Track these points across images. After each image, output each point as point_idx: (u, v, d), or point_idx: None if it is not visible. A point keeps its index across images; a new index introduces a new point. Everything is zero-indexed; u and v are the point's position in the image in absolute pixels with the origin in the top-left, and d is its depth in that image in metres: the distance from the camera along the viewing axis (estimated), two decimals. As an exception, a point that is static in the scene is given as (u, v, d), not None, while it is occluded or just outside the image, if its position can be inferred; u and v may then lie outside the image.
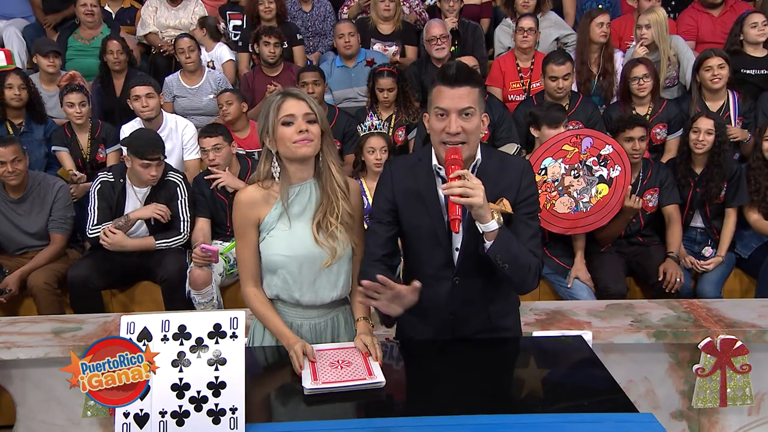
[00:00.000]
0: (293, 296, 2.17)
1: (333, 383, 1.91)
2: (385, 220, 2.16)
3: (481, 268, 2.09)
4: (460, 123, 2.00)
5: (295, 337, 2.08)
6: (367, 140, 3.96)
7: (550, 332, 2.76)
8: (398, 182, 2.16)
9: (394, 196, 2.15)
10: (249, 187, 2.18)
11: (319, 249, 2.13)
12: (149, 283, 3.93)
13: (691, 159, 3.93)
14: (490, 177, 2.07)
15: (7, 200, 3.96)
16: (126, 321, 1.74)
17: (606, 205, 3.69)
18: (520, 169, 2.14)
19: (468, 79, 2.01)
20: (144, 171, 3.75)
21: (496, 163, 2.13)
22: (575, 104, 4.36)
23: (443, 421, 1.79)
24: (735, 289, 3.97)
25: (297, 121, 2.06)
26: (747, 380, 2.83)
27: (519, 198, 2.10)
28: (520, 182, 2.11)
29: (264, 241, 2.15)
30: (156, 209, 3.79)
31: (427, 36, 4.86)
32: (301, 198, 2.14)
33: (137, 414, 1.71)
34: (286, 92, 2.11)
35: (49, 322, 3.06)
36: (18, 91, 4.49)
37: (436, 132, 2.05)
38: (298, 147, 2.06)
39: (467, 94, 2.01)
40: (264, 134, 2.12)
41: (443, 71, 2.03)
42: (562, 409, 1.85)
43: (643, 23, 4.68)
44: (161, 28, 5.58)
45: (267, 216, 2.14)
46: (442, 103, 2.01)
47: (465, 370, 2.07)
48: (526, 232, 2.09)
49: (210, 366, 1.74)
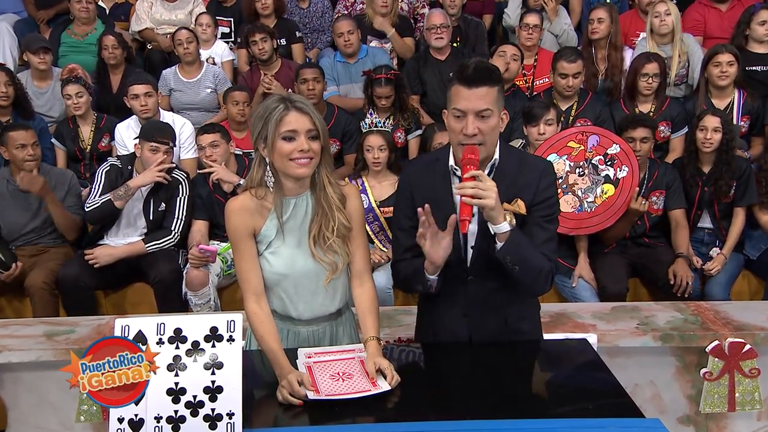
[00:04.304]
0: (290, 313, 2.13)
1: (336, 395, 1.87)
2: (407, 226, 2.17)
3: (496, 269, 2.07)
4: (477, 124, 2.00)
5: (290, 367, 1.95)
6: (366, 138, 3.95)
7: (555, 335, 2.73)
8: (416, 181, 2.17)
9: (412, 197, 2.16)
10: (240, 197, 2.08)
11: (317, 265, 2.07)
12: (143, 285, 3.88)
13: (699, 158, 3.88)
14: (508, 177, 2.08)
15: (15, 189, 3.95)
16: (120, 324, 1.71)
17: (611, 206, 3.65)
18: (540, 170, 2.13)
19: (486, 79, 2.00)
20: (152, 156, 3.72)
21: (514, 162, 2.13)
22: (584, 102, 4.31)
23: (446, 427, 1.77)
24: (743, 291, 3.93)
25: (299, 139, 1.94)
26: (756, 384, 2.81)
27: (536, 199, 2.09)
28: (539, 183, 2.10)
29: (261, 257, 2.08)
30: (156, 174, 3.73)
31: (427, 24, 4.83)
32: (297, 212, 2.06)
33: (132, 419, 1.68)
34: (290, 103, 1.97)
35: (41, 325, 3.03)
36: (4, 89, 4.44)
37: (454, 133, 2.04)
38: (296, 167, 1.96)
39: (485, 94, 1.99)
40: (259, 140, 2.00)
41: (461, 71, 2.02)
42: (566, 413, 1.83)
43: (662, 10, 4.61)
44: (156, 24, 5.54)
45: (263, 228, 2.05)
46: (460, 104, 2.01)
47: (467, 374, 2.06)
48: (540, 235, 2.09)
49: (206, 370, 1.70)
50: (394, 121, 4.45)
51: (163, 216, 3.87)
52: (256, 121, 2.01)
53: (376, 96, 4.43)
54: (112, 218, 3.81)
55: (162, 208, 3.86)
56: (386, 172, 3.97)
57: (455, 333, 2.21)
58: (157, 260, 3.76)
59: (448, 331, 2.22)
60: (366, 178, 3.99)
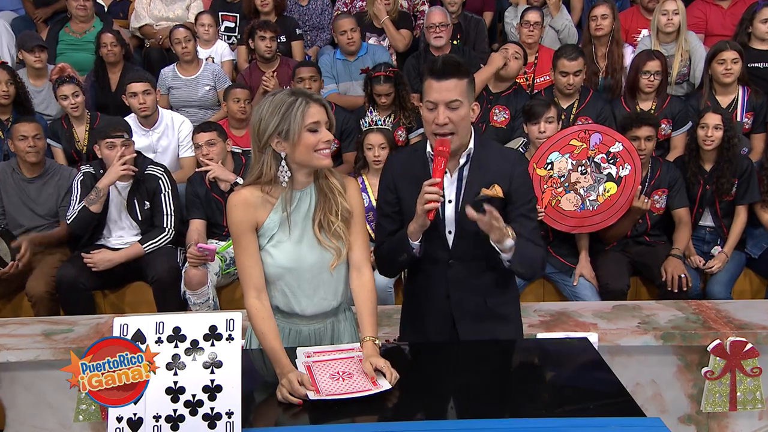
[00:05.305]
0: (293, 309, 2.13)
1: (337, 395, 1.86)
2: (389, 212, 2.31)
3: (475, 251, 2.23)
4: (448, 114, 2.12)
5: (291, 366, 1.95)
6: (366, 137, 3.94)
7: (555, 334, 2.73)
8: (397, 170, 2.31)
9: (394, 184, 2.30)
10: (243, 190, 2.07)
11: (323, 253, 2.07)
12: (142, 284, 3.86)
13: (700, 156, 3.86)
14: (483, 165, 2.22)
15: (20, 179, 4.00)
16: (119, 323, 1.70)
17: (613, 204, 3.63)
18: (513, 158, 2.29)
19: (455, 72, 2.12)
20: (110, 153, 3.68)
21: (489, 152, 2.26)
22: (585, 100, 4.29)
23: (446, 426, 1.77)
24: (745, 290, 3.92)
25: (322, 130, 2.01)
26: (758, 384, 2.80)
27: (513, 186, 2.22)
28: (512, 170, 2.23)
29: (264, 251, 2.07)
30: (120, 169, 3.66)
31: (427, 22, 4.82)
32: (302, 204, 2.08)
33: (130, 419, 1.67)
34: (307, 96, 2.01)
35: (39, 324, 3.01)
36: (6, 87, 4.44)
37: (428, 123, 2.18)
38: (321, 158, 2.02)
39: (454, 86, 2.12)
40: (273, 135, 1.98)
41: (431, 65, 2.17)
42: (567, 412, 1.83)
43: (671, 8, 4.59)
44: (155, 20, 5.53)
45: (266, 221, 2.05)
46: (431, 96, 2.15)
47: (468, 373, 2.06)
48: (527, 225, 2.23)
49: (205, 369, 1.70)
50: (394, 119, 4.44)
51: (151, 214, 3.85)
52: (269, 116, 1.98)
53: (375, 94, 4.43)
54: (92, 225, 3.79)
55: (147, 207, 3.83)
56: (387, 170, 3.95)
57: (437, 312, 2.32)
58: (156, 260, 3.74)
59: (430, 312, 2.34)
60: (366, 176, 3.98)
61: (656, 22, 4.68)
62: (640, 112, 4.11)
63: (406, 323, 2.47)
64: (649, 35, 4.74)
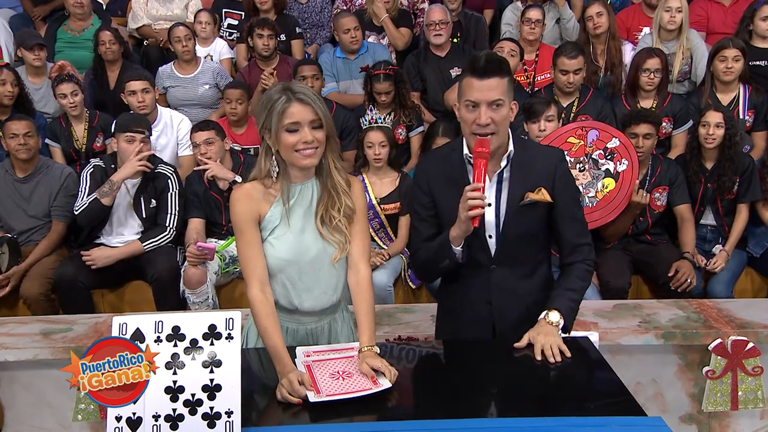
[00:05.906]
0: (293, 302, 2.12)
1: (338, 395, 1.84)
2: (425, 215, 2.26)
3: (518, 257, 2.21)
4: (490, 114, 2.07)
5: (291, 365, 1.94)
6: (366, 135, 3.93)
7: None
8: (433, 172, 2.25)
9: (429, 187, 2.24)
10: (246, 185, 2.09)
11: (325, 246, 2.06)
12: (141, 283, 3.86)
13: (702, 154, 3.86)
14: (524, 166, 2.17)
15: (12, 180, 3.98)
16: (118, 322, 1.69)
17: (612, 200, 3.64)
18: (556, 156, 2.25)
19: (497, 70, 2.07)
20: (128, 147, 3.70)
21: (530, 153, 2.21)
22: (585, 98, 4.28)
23: (446, 425, 1.75)
24: (747, 289, 3.92)
25: (302, 130, 1.96)
26: (759, 383, 2.80)
27: (557, 185, 2.18)
28: (555, 171, 2.19)
29: (266, 243, 2.06)
30: (137, 164, 3.70)
31: (427, 20, 4.81)
32: (302, 198, 2.07)
33: (130, 418, 1.66)
34: (292, 93, 1.97)
35: (38, 323, 3.01)
36: (12, 88, 4.44)
37: (467, 123, 2.12)
38: (301, 158, 1.99)
39: (496, 85, 2.07)
40: (264, 130, 2.01)
41: (473, 63, 2.09)
42: (568, 412, 1.82)
43: (674, 5, 4.58)
44: (153, 20, 5.52)
45: (268, 214, 2.05)
46: (472, 96, 2.08)
47: (467, 372, 2.05)
48: (575, 228, 2.22)
49: (205, 368, 1.68)
50: (394, 117, 4.43)
51: (155, 213, 3.85)
52: (260, 111, 2.02)
53: (375, 92, 4.42)
54: (101, 217, 3.79)
55: (153, 205, 3.84)
56: (387, 168, 3.95)
57: (479, 320, 2.27)
58: (155, 258, 3.74)
59: (471, 319, 2.29)
60: (366, 174, 3.97)
61: (659, 19, 4.66)
62: (639, 109, 4.10)
63: (443, 328, 2.43)
64: (650, 33, 4.74)
